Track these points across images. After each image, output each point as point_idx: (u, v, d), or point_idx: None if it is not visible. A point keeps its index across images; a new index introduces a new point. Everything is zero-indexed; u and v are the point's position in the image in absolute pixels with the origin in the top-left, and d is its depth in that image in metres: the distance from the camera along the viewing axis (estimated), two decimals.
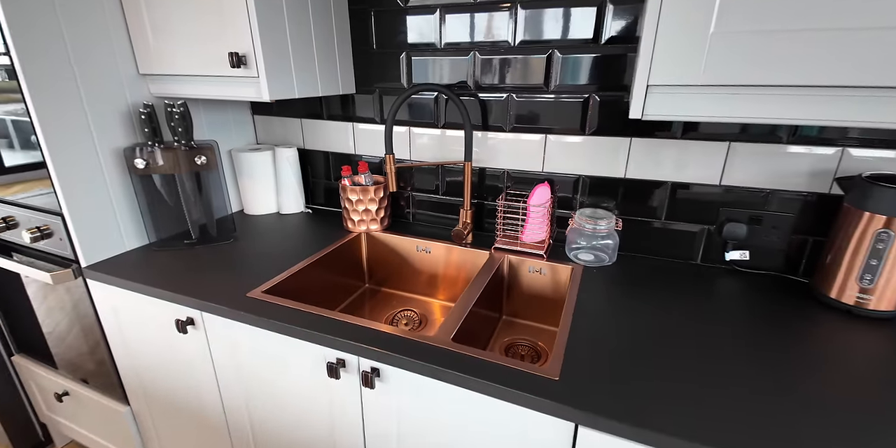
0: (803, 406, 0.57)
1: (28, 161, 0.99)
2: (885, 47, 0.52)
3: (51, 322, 1.22)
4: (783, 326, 0.75)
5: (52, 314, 1.20)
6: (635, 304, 0.82)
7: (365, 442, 0.82)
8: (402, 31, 1.09)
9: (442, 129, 1.15)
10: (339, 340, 0.74)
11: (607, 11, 0.89)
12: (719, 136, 0.89)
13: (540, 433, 0.62)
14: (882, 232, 0.72)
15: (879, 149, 0.80)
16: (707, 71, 0.60)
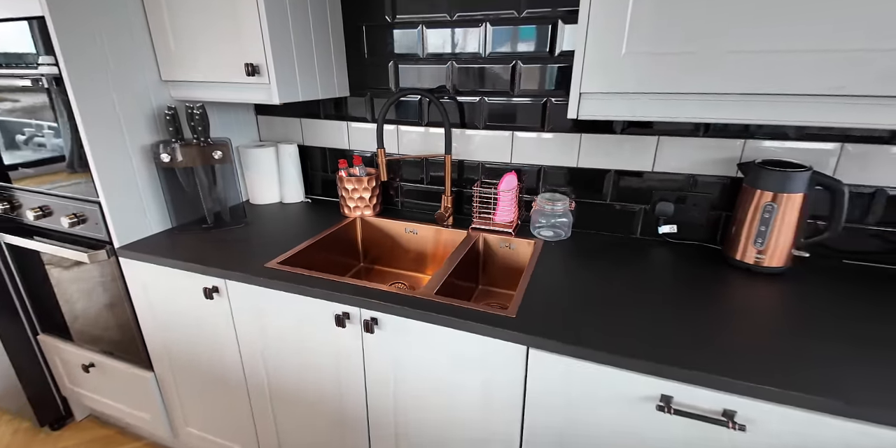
0: (724, 330, 0.78)
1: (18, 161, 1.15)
2: (749, 66, 0.72)
3: (78, 302, 1.38)
4: (701, 284, 0.96)
5: (79, 295, 1.35)
6: (584, 269, 1.02)
7: (365, 379, 1.01)
8: (390, 42, 1.27)
9: (426, 126, 1.34)
10: (345, 296, 0.92)
11: (559, 30, 1.09)
12: (650, 131, 1.10)
13: (502, 357, 0.82)
14: (768, 204, 0.94)
15: (768, 139, 1.01)
16: (621, 82, 0.80)
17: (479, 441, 0.93)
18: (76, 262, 1.29)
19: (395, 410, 1.01)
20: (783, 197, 0.92)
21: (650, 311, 0.83)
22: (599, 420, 0.77)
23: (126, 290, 1.25)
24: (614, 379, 0.72)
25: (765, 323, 0.79)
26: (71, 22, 0.99)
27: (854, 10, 0.65)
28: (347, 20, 1.30)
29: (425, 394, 0.95)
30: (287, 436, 1.22)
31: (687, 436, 0.71)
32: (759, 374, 0.65)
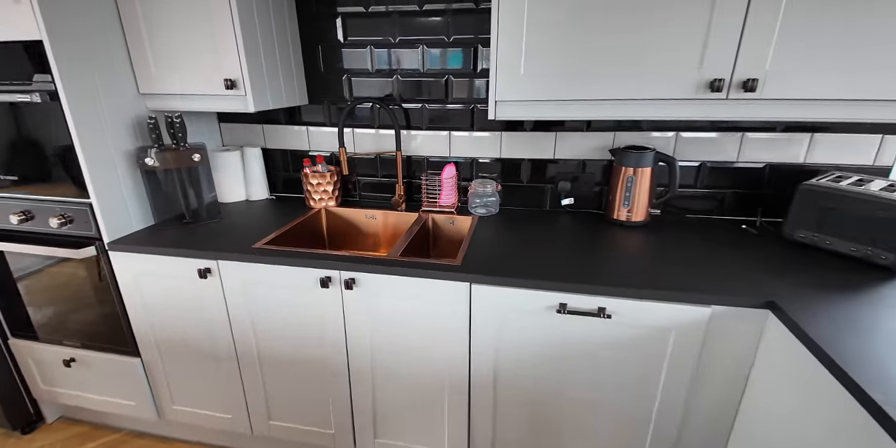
0: (603, 266, 1.12)
1: None
2: (606, 82, 1.08)
3: (57, 302, 1.48)
4: (590, 236, 1.32)
5: (58, 295, 1.46)
6: (509, 233, 1.35)
7: (346, 332, 1.25)
8: (343, 59, 1.53)
9: (377, 129, 1.61)
10: (327, 263, 1.17)
11: (479, 52, 1.42)
12: (550, 129, 1.46)
13: (452, 294, 1.11)
14: (630, 177, 1.32)
15: (630, 131, 1.41)
16: (524, 93, 1.13)
17: (440, 366, 1.22)
18: (56, 263, 1.40)
19: (373, 355, 1.27)
20: (639, 171, 1.31)
21: (554, 255, 1.17)
22: (522, 326, 1.09)
23: (114, 282, 1.39)
24: (529, 297, 1.05)
25: (628, 256, 1.16)
26: (64, 44, 1.15)
27: (675, 45, 1.04)
28: (305, 41, 1.54)
29: (397, 334, 1.22)
30: (275, 398, 1.42)
31: (573, 325, 1.05)
32: (619, 283, 1.01)
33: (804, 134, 1.32)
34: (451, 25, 1.41)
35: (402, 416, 1.33)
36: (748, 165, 1.39)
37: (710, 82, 1.05)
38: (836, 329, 0.82)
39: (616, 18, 1.04)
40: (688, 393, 1.05)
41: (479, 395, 1.21)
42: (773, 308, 0.93)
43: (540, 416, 1.19)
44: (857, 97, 0.99)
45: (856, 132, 1.29)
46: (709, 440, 1.11)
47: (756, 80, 1.02)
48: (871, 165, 1.30)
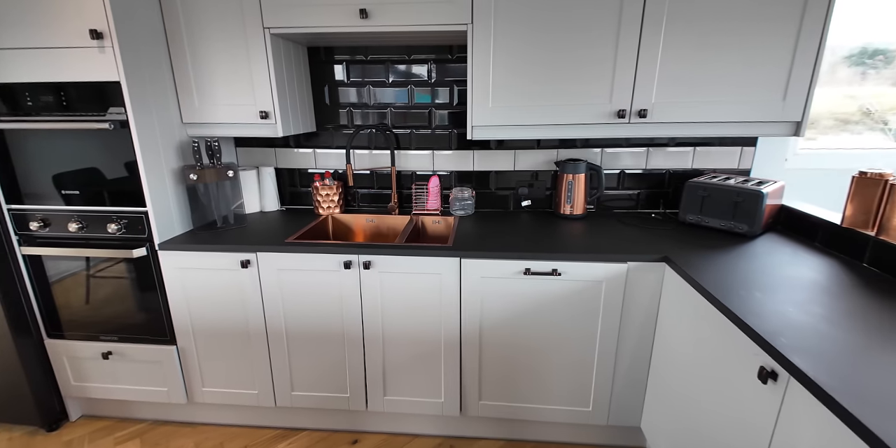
0: (554, 243, 1.54)
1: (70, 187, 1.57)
2: (553, 111, 1.54)
3: (100, 302, 1.72)
4: (543, 226, 1.75)
5: (100, 295, 1.71)
6: (483, 226, 1.75)
7: (362, 306, 1.59)
8: (347, 95, 1.93)
9: (372, 150, 2.00)
10: (349, 249, 1.52)
11: (455, 91, 1.86)
12: (511, 147, 1.91)
13: (447, 267, 1.49)
14: (570, 182, 1.78)
15: (569, 148, 1.88)
16: (492, 120, 1.57)
17: (438, 326, 1.57)
18: (110, 265, 1.66)
19: (384, 323, 1.60)
20: (576, 177, 1.77)
21: (519, 237, 1.58)
22: (499, 287, 1.48)
23: (159, 279, 1.66)
24: (503, 265, 1.45)
25: (571, 235, 1.59)
26: (135, 85, 1.48)
27: (594, 88, 1.51)
28: (314, 81, 1.93)
29: (404, 304, 1.57)
30: (299, 370, 1.71)
31: (535, 283, 1.46)
32: (566, 251, 1.43)
33: (689, 147, 1.84)
34: (433, 71, 1.86)
35: (407, 374, 1.66)
36: (653, 171, 1.89)
37: (618, 112, 1.53)
38: (709, 272, 1.27)
39: (553, 71, 1.52)
40: (619, 324, 1.47)
41: (469, 347, 1.57)
42: (668, 261, 1.37)
43: (515, 358, 1.57)
44: (703, 120, 1.50)
45: (725, 145, 1.83)
46: (636, 357, 1.52)
47: (646, 109, 1.51)
48: (736, 168, 1.84)
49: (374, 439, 1.75)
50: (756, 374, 0.93)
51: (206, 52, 1.62)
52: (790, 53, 1.42)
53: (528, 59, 1.52)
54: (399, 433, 1.78)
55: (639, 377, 1.53)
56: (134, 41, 1.46)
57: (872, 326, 0.93)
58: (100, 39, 1.39)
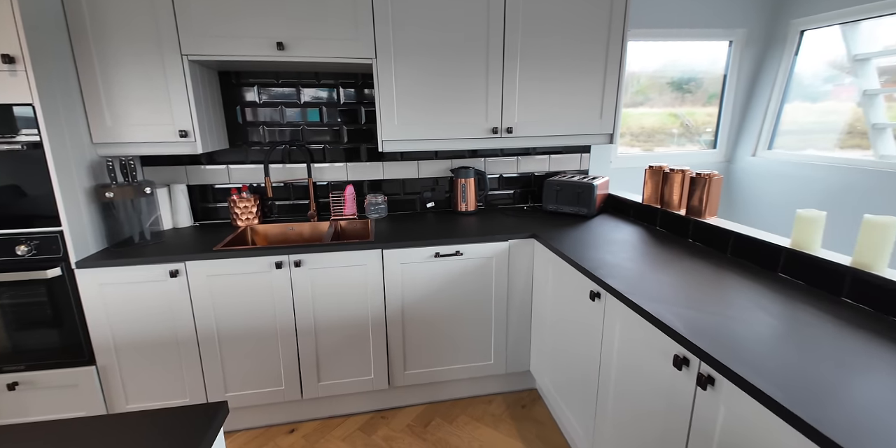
0: (456, 232, 1.91)
1: None
2: (447, 126, 1.93)
3: None
4: (445, 220, 2.13)
5: None
6: (396, 225, 2.07)
7: (294, 303, 1.78)
8: (260, 114, 2.12)
9: (287, 164, 2.20)
10: (280, 250, 1.72)
11: (362, 111, 2.17)
12: (414, 158, 2.27)
13: (371, 259, 1.78)
14: (463, 185, 2.20)
15: (461, 158, 2.31)
16: (399, 135, 1.91)
17: (365, 311, 1.84)
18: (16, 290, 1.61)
19: (315, 315, 1.82)
20: (468, 181, 2.20)
21: (428, 230, 1.94)
22: (416, 270, 1.81)
23: (76, 298, 1.66)
24: (418, 251, 1.78)
25: (468, 226, 2.00)
26: (48, 106, 1.52)
27: (473, 110, 1.94)
28: (227, 101, 2.08)
29: (334, 295, 1.80)
30: (232, 371, 1.82)
31: (443, 264, 1.82)
32: (464, 236, 1.81)
33: (546, 155, 2.40)
34: (342, 94, 2.15)
35: (339, 357, 1.88)
36: (524, 174, 2.42)
37: (492, 128, 1.99)
38: (562, 241, 1.75)
39: (444, 95, 1.92)
40: (507, 287, 1.90)
41: (394, 325, 1.86)
42: (536, 237, 1.84)
43: (432, 327, 1.90)
44: (550, 133, 2.04)
45: (569, 153, 2.42)
46: (521, 311, 1.96)
47: (512, 126, 2.00)
48: (578, 168, 2.44)
49: (309, 426, 1.92)
50: (588, 296, 1.39)
51: (119, 75, 1.70)
52: (601, 85, 2.02)
53: (424, 86, 1.90)
54: (334, 416, 1.98)
55: (524, 327, 1.98)
56: (46, 64, 1.51)
57: (656, 261, 1.46)
58: (12, 63, 1.42)
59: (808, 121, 2.47)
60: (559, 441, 1.77)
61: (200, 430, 0.72)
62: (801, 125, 2.49)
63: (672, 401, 1.03)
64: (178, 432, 0.72)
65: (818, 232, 1.22)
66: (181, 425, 0.73)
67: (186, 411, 0.77)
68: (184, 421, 0.75)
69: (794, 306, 1.10)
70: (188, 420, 0.75)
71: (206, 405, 0.79)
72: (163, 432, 0.72)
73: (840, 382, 0.78)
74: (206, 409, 0.78)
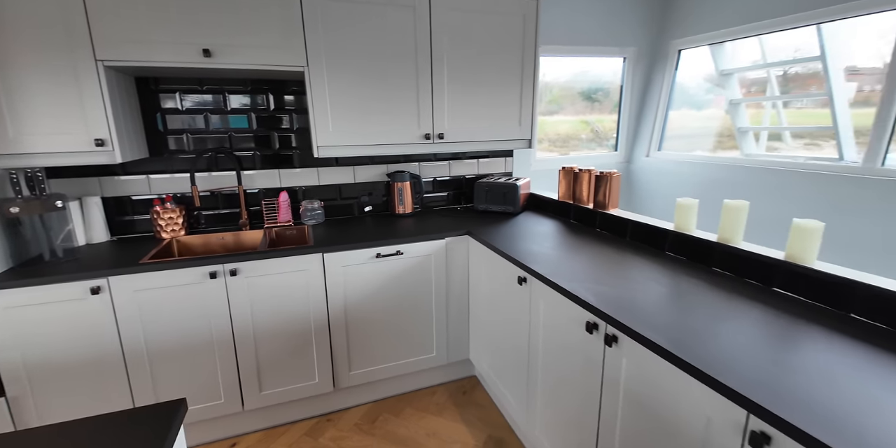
0: (395, 233, 1.99)
1: None
2: (377, 135, 2.01)
3: None
4: (384, 223, 2.21)
5: None
6: (334, 230, 2.11)
7: (230, 313, 1.75)
8: (183, 121, 2.05)
9: (215, 172, 2.15)
10: (214, 259, 1.69)
11: (294, 117, 2.19)
12: (350, 163, 2.33)
13: (312, 264, 1.81)
14: (399, 189, 2.30)
15: (396, 163, 2.41)
16: (334, 141, 1.97)
17: (307, 316, 1.86)
18: None
19: (254, 322, 1.80)
20: (404, 184, 2.30)
21: (368, 232, 2.00)
22: (358, 272, 1.87)
23: None
24: (360, 253, 1.84)
25: (406, 227, 2.09)
26: None
27: (406, 117, 2.05)
28: (146, 108, 2.00)
29: (274, 302, 1.80)
30: (164, 390, 1.73)
31: (385, 264, 1.91)
32: (404, 236, 1.91)
33: (475, 159, 2.58)
34: (272, 100, 2.15)
35: (282, 365, 1.88)
36: (456, 177, 2.57)
37: (425, 135, 2.11)
38: (493, 236, 1.91)
39: (378, 103, 2.01)
40: (445, 281, 2.03)
41: (337, 327, 1.90)
42: (470, 234, 1.99)
43: (375, 326, 1.97)
44: (477, 139, 2.21)
45: (495, 157, 2.62)
46: (459, 304, 2.10)
47: (443, 133, 2.14)
48: (503, 171, 2.65)
49: (252, 438, 1.89)
50: (517, 282, 1.56)
51: (23, 81, 1.58)
52: (518, 96, 2.24)
53: (358, 94, 1.98)
54: (277, 425, 1.96)
55: (463, 318, 2.12)
56: None
57: (570, 248, 1.66)
58: None
59: (695, 126, 2.90)
60: (498, 419, 1.92)
61: (161, 428, 0.75)
62: (691, 130, 2.92)
63: (587, 360, 1.22)
64: (139, 432, 0.74)
65: (693, 216, 1.49)
66: (140, 425, 0.75)
67: (145, 411, 0.79)
68: (143, 420, 0.77)
69: (678, 277, 1.34)
70: (147, 420, 0.77)
71: (165, 404, 0.81)
72: (123, 434, 0.73)
73: (710, 332, 1.00)
74: (164, 408, 0.80)
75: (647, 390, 1.01)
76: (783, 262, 1.20)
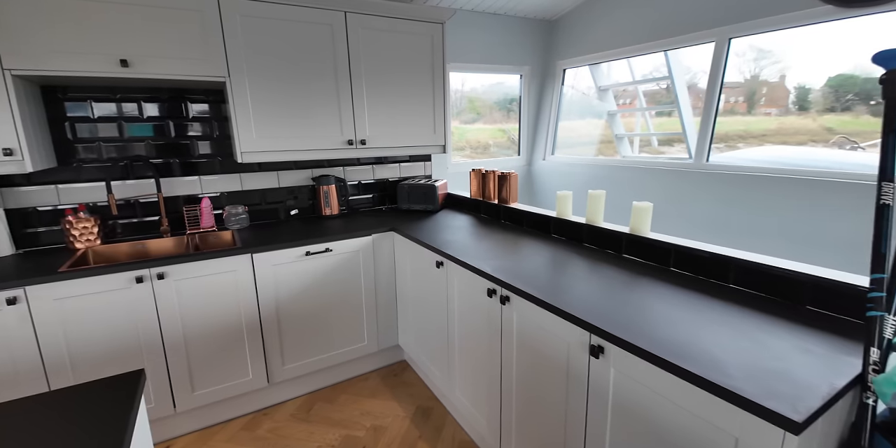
0: (324, 232, 2.13)
1: None
2: (298, 140, 2.15)
3: None
4: (311, 225, 2.34)
5: None
6: (262, 232, 2.20)
7: (159, 317, 1.79)
8: (95, 130, 2.03)
9: (131, 179, 2.14)
10: (140, 264, 1.72)
11: (214, 124, 2.25)
12: (273, 168, 2.43)
13: (241, 264, 1.90)
14: (325, 192, 2.45)
15: (321, 167, 2.55)
16: (258, 147, 2.07)
17: (238, 316, 1.94)
18: None
19: (184, 325, 1.84)
20: (329, 187, 2.45)
21: (296, 233, 2.13)
22: (288, 270, 1.99)
23: None
24: (288, 253, 1.97)
25: (335, 227, 2.25)
26: None
27: (329, 124, 2.21)
28: (52, 118, 1.95)
29: (203, 304, 1.86)
30: None
31: (315, 261, 2.05)
32: (332, 234, 2.07)
33: (397, 163, 2.81)
34: (190, 107, 2.20)
35: (214, 365, 1.93)
36: (380, 180, 2.78)
37: (348, 140, 2.30)
38: (416, 230, 2.14)
39: (302, 110, 2.15)
40: (374, 274, 2.22)
41: (269, 324, 2.00)
42: (395, 230, 2.20)
43: (308, 321, 2.10)
44: (397, 145, 2.45)
45: (415, 161, 2.87)
46: (387, 293, 2.30)
47: (365, 139, 2.34)
48: (423, 174, 2.91)
49: (186, 440, 1.91)
50: (435, 266, 1.81)
51: None
52: (432, 106, 2.51)
53: (282, 102, 2.10)
54: (212, 425, 2.00)
55: (391, 307, 2.32)
56: None
57: (479, 236, 1.95)
58: None
59: (586, 133, 3.39)
60: (426, 392, 2.15)
61: (122, 399, 0.86)
62: (580, 136, 3.40)
63: (489, 319, 1.50)
64: (101, 405, 0.84)
65: (569, 205, 1.85)
66: (101, 398, 0.86)
67: (103, 384, 0.90)
68: (101, 394, 0.87)
69: (557, 252, 1.68)
70: (106, 392, 0.88)
71: (123, 375, 0.92)
72: (85, 406, 0.84)
73: (574, 287, 1.31)
74: (125, 377, 0.91)
75: (530, 332, 1.30)
76: (628, 233, 1.58)
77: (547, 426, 1.30)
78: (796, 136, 2.31)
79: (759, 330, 1.01)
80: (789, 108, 2.35)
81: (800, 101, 2.31)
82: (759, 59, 2.40)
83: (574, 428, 1.19)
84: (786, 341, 0.95)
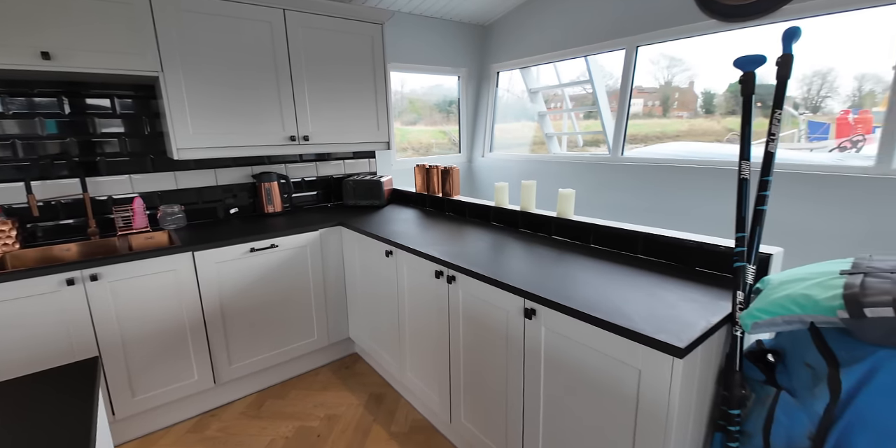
0: (268, 229, 2.12)
1: None
2: (237, 137, 2.13)
3: None
4: (256, 221, 2.31)
5: None
6: (201, 231, 2.15)
7: (93, 323, 1.70)
8: (8, 127, 1.89)
9: (52, 179, 2.01)
10: (70, 265, 1.63)
11: (145, 121, 2.17)
12: (211, 165, 2.37)
13: (182, 264, 1.85)
14: (267, 189, 2.43)
15: (262, 165, 2.53)
16: (194, 143, 2.03)
17: (180, 315, 1.89)
18: None
19: (121, 329, 1.77)
20: (271, 184, 2.44)
21: (239, 231, 2.10)
22: (232, 267, 1.98)
23: None
24: (232, 249, 1.95)
25: (278, 224, 2.24)
26: None
27: (270, 120, 2.20)
28: None
29: (142, 306, 1.80)
30: None
31: (260, 257, 2.05)
32: (277, 230, 2.07)
33: (341, 160, 2.85)
34: (117, 104, 2.10)
35: (156, 367, 1.87)
36: (324, 177, 2.80)
37: (290, 137, 2.31)
38: (363, 224, 2.19)
39: (242, 107, 2.13)
40: (322, 269, 2.25)
41: (213, 323, 1.97)
42: (343, 224, 2.25)
43: (255, 318, 2.08)
44: (341, 141, 2.50)
45: (359, 158, 2.92)
46: (337, 288, 2.34)
47: (308, 135, 2.36)
48: (368, 171, 2.97)
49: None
50: (385, 256, 1.89)
51: None
52: (374, 103, 2.58)
53: (220, 95, 2.07)
54: (155, 431, 1.93)
55: (341, 300, 2.36)
56: None
57: (425, 227, 2.06)
58: None
59: (521, 134, 3.62)
60: (378, 380, 2.21)
61: (82, 385, 0.87)
62: (525, 139, 3.63)
63: (437, 299, 1.61)
64: (61, 392, 0.85)
65: (506, 195, 2.02)
66: (59, 385, 0.86)
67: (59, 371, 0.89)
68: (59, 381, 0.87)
69: (497, 237, 1.83)
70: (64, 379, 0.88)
71: (79, 362, 0.92)
72: (44, 394, 0.84)
73: (509, 263, 1.46)
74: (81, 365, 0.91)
75: (475, 305, 1.43)
76: (556, 217, 1.77)
77: (491, 390, 1.44)
78: (705, 136, 2.66)
79: (658, 287, 1.21)
80: (698, 112, 2.70)
81: (706, 105, 2.67)
82: (671, 67, 2.73)
83: (514, 386, 1.33)
84: (677, 294, 1.15)
